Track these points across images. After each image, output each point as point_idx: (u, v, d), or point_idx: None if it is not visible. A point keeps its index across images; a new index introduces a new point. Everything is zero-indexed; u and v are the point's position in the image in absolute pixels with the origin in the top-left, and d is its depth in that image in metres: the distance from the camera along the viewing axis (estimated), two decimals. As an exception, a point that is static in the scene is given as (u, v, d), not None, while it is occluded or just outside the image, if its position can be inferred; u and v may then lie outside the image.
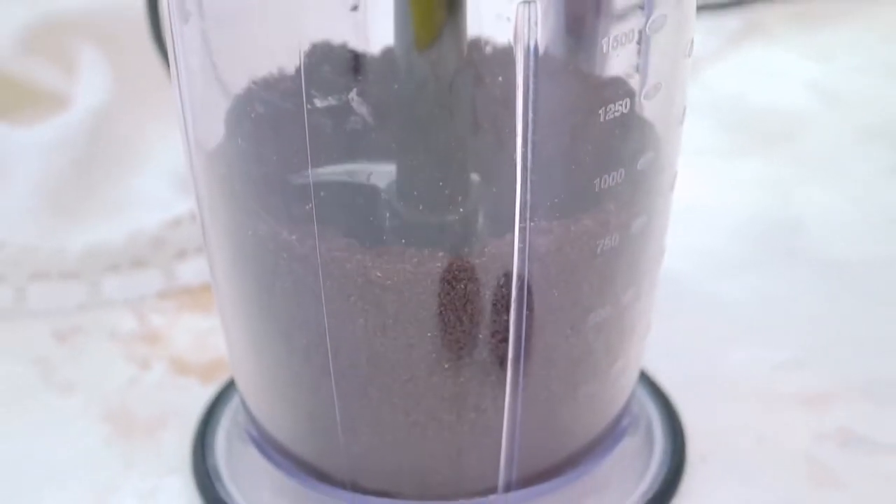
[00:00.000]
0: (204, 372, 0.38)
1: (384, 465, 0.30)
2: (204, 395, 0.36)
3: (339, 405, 0.29)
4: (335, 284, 0.27)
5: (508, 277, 0.27)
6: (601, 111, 0.26)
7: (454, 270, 0.26)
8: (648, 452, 0.34)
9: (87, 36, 0.48)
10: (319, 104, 0.25)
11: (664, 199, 0.29)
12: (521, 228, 0.26)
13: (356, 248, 0.26)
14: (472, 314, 0.27)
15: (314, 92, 0.25)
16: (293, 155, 0.26)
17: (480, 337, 0.27)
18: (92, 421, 0.36)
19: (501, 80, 0.25)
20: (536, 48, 0.24)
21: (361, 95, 0.26)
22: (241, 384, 0.32)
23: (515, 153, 0.25)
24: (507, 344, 0.28)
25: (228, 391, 0.36)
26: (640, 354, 0.32)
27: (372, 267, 0.26)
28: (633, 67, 0.26)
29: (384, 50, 0.26)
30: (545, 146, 0.25)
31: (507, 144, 0.25)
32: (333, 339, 0.28)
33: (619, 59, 0.26)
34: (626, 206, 0.27)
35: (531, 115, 0.25)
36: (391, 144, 0.27)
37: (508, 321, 0.27)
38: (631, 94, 0.26)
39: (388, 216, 0.27)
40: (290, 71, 0.26)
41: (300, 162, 0.26)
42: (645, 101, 0.27)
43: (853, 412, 0.36)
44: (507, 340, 0.28)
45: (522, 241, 0.26)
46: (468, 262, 0.26)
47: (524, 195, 0.26)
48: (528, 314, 0.27)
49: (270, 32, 0.26)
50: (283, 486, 0.32)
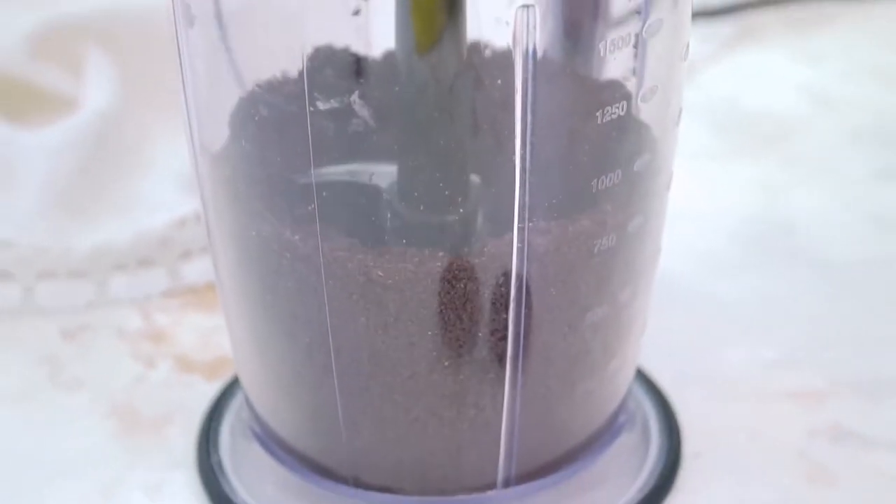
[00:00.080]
0: (208, 369, 0.38)
1: (385, 460, 0.30)
2: (208, 392, 0.36)
3: (341, 402, 0.29)
4: (337, 283, 0.27)
5: (507, 277, 0.27)
6: (598, 113, 0.26)
7: (454, 270, 0.26)
8: (645, 448, 0.34)
9: (94, 40, 0.48)
10: (322, 107, 0.25)
11: (660, 199, 0.29)
12: (519, 228, 0.26)
13: (358, 247, 0.26)
14: (471, 313, 0.27)
15: (317, 95, 0.25)
16: (296, 156, 0.26)
17: (480, 335, 0.27)
18: (99, 417, 0.36)
19: (500, 82, 0.25)
20: (535, 52, 0.24)
21: (363, 98, 0.26)
22: (244, 381, 0.32)
23: (514, 155, 0.25)
24: (506, 342, 0.28)
25: (232, 388, 0.36)
26: (636, 352, 0.32)
27: (373, 266, 0.26)
28: (629, 71, 0.26)
29: (385, 53, 0.26)
30: (543, 148, 0.25)
31: (506, 146, 0.25)
32: (336, 337, 0.28)
33: (616, 62, 0.26)
34: (622, 206, 0.27)
35: (530, 117, 0.25)
36: (392, 146, 0.27)
37: (507, 320, 0.27)
38: (628, 96, 0.26)
39: (389, 216, 0.27)
40: (293, 74, 0.26)
41: (303, 163, 0.26)
42: (641, 103, 0.27)
43: (845, 409, 0.36)
44: (506, 338, 0.27)
45: (521, 241, 0.26)
46: (468, 261, 0.26)
47: (523, 196, 0.26)
48: (526, 313, 0.27)
49: (274, 36, 0.26)
50: (286, 481, 0.32)
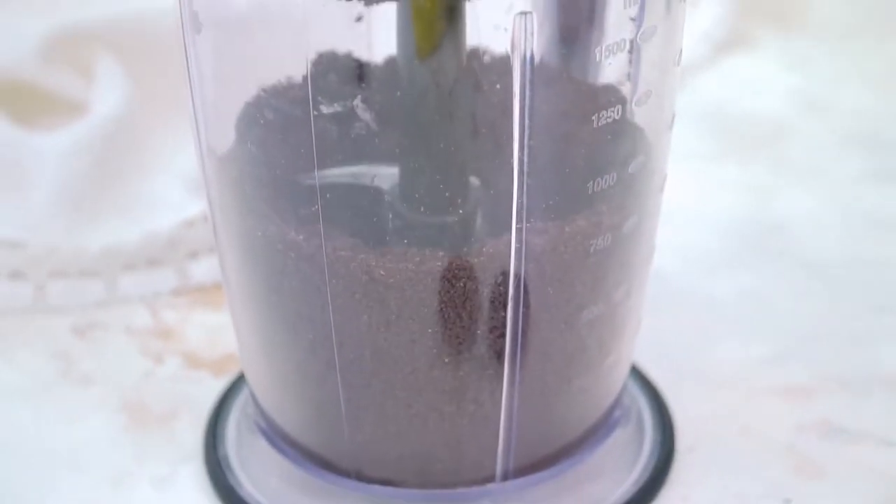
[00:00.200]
0: (215, 366, 0.38)
1: (387, 454, 0.30)
2: (215, 387, 0.36)
3: (344, 397, 0.29)
4: (341, 282, 0.27)
5: (506, 276, 0.27)
6: (594, 117, 0.26)
7: (454, 269, 0.26)
8: (639, 443, 0.34)
9: (104, 46, 0.48)
10: (325, 110, 0.25)
11: (654, 200, 0.29)
12: (517, 229, 0.26)
13: (361, 247, 0.26)
14: (471, 311, 0.27)
15: (320, 99, 0.25)
16: (300, 159, 0.26)
17: (479, 332, 0.27)
18: (109, 411, 0.36)
19: (499, 87, 0.25)
20: (532, 57, 0.24)
21: (366, 102, 0.25)
22: (250, 377, 0.32)
23: (513, 157, 0.25)
24: (504, 339, 0.28)
25: (238, 384, 0.36)
26: (631, 349, 0.32)
27: (376, 266, 0.26)
28: (624, 75, 0.26)
29: (387, 59, 0.26)
30: (541, 151, 0.25)
31: (504, 149, 0.25)
32: (339, 334, 0.28)
33: (611, 67, 0.26)
34: (617, 207, 0.27)
35: (527, 120, 0.25)
36: (394, 149, 0.27)
37: (506, 318, 0.27)
38: (622, 100, 0.26)
39: (391, 217, 0.27)
40: (297, 79, 0.26)
41: (307, 166, 0.26)
42: (636, 107, 0.27)
43: (833, 404, 0.36)
44: (504, 336, 0.27)
45: (519, 241, 0.26)
46: (467, 261, 0.26)
47: (521, 197, 0.26)
48: (524, 311, 0.27)
49: (279, 42, 0.26)
50: (290, 474, 0.32)
